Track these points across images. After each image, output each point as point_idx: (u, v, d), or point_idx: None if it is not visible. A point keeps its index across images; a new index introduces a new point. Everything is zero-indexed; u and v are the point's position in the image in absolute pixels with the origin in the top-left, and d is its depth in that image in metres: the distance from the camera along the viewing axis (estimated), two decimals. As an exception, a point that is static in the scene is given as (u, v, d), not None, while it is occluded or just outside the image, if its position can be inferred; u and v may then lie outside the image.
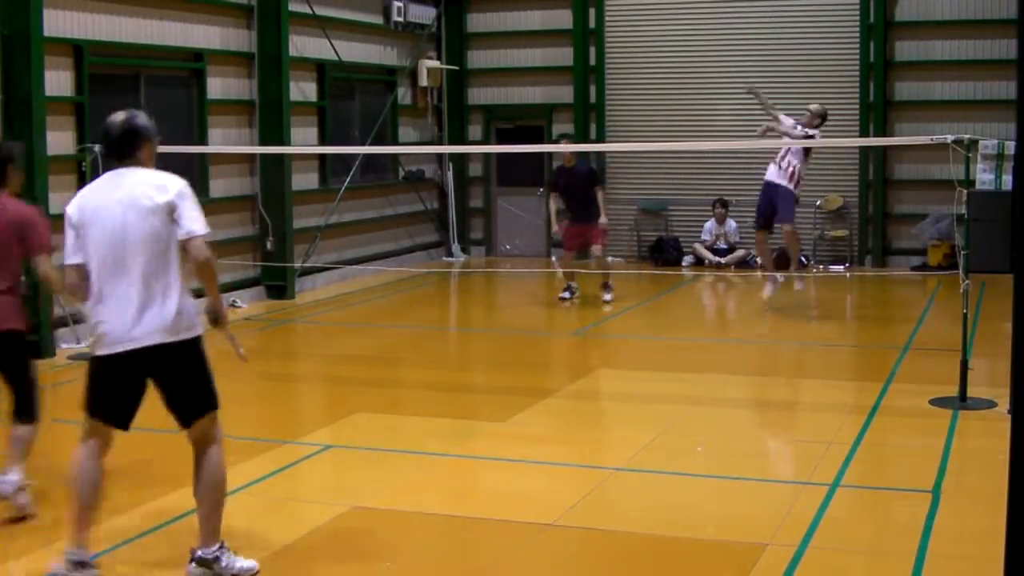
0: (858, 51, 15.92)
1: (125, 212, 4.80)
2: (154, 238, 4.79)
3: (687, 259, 16.40)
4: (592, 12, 17.02)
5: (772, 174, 11.99)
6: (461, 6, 17.70)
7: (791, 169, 11.84)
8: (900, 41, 15.93)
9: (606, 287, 12.90)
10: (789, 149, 11.83)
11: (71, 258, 4.93)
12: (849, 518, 5.95)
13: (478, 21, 17.81)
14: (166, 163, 13.61)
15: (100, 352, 4.89)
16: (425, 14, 17.01)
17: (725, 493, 6.44)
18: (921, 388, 8.46)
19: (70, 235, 4.93)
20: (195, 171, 12.71)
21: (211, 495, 4.98)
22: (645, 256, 16.79)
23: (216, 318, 5.02)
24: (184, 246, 4.82)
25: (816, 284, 12.73)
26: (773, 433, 8.20)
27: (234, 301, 12.62)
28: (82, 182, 10.64)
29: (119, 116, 5.07)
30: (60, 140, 10.78)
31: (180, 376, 4.92)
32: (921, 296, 14.10)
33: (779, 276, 12.38)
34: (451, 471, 6.98)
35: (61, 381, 9.64)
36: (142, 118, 5.09)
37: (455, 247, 17.82)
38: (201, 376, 4.95)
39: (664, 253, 16.46)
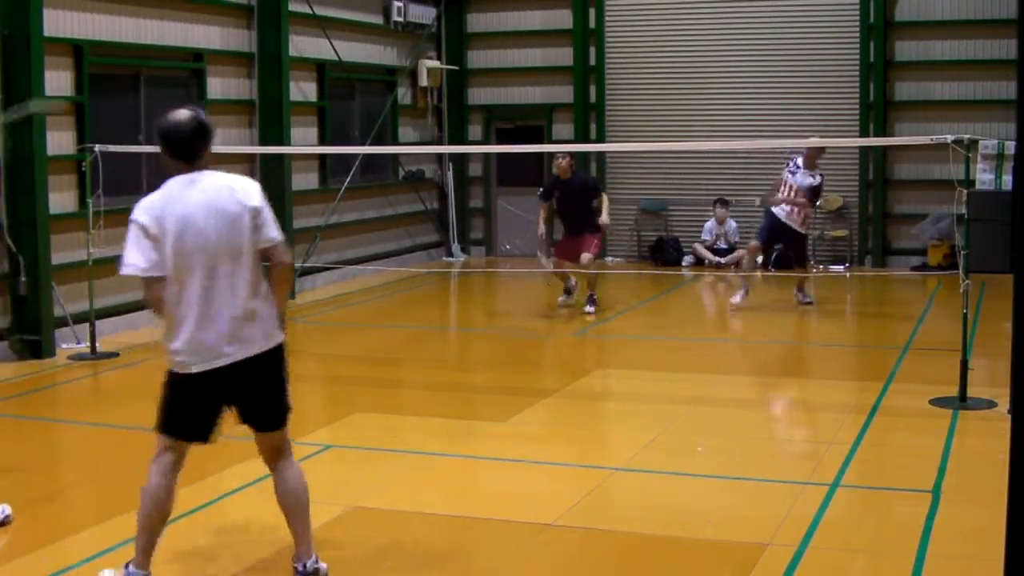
0: (858, 51, 15.91)
1: (214, 219, 4.55)
2: (245, 246, 4.60)
3: (687, 259, 16.40)
4: (592, 12, 17.02)
5: (781, 213, 12.21)
6: (461, 6, 17.70)
7: (800, 213, 12.17)
8: (900, 41, 15.93)
9: (591, 300, 12.24)
10: (798, 190, 12.08)
11: (153, 271, 4.58)
12: (849, 518, 5.95)
13: (478, 21, 17.82)
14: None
15: (191, 370, 4.61)
16: (425, 14, 17.02)
17: (725, 493, 6.44)
18: (921, 388, 8.46)
19: (146, 246, 4.56)
20: (195, 171, 12.72)
21: (301, 506, 4.85)
22: (645, 256, 16.80)
23: (281, 324, 4.84)
24: (268, 252, 4.68)
25: (816, 284, 12.73)
26: (773, 433, 8.21)
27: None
28: (82, 182, 10.65)
29: (183, 114, 4.66)
30: (60, 140, 10.77)
31: (266, 385, 4.75)
32: (921, 296, 14.10)
33: (746, 292, 12.48)
34: (451, 471, 6.98)
35: (61, 381, 9.65)
36: (204, 114, 4.74)
37: (455, 247, 17.82)
38: (283, 384, 4.80)
39: (664, 253, 16.46)
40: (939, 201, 14.41)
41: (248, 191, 4.66)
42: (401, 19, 16.40)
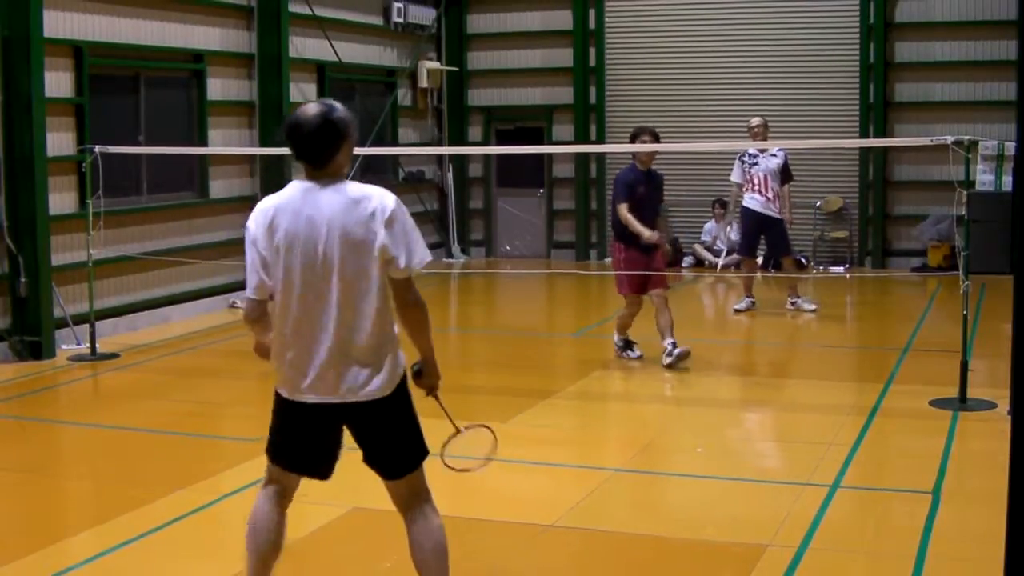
0: (858, 52, 15.92)
1: (331, 240, 3.94)
2: (363, 277, 3.96)
3: (687, 260, 16.40)
4: (592, 12, 17.03)
5: (757, 204, 11.97)
6: (461, 7, 17.71)
7: (777, 199, 11.92)
8: (900, 42, 15.93)
9: (675, 349, 9.50)
10: (767, 176, 11.88)
11: (254, 293, 4.08)
12: (849, 519, 5.95)
13: (478, 22, 17.82)
14: (167, 163, 13.47)
15: (286, 396, 4.13)
16: (425, 15, 17.02)
17: (725, 494, 6.44)
18: (921, 389, 8.45)
19: (254, 262, 4.04)
20: (195, 172, 12.72)
21: (429, 570, 4.25)
22: (645, 257, 16.78)
23: (419, 376, 4.48)
24: (392, 285, 4.03)
25: (816, 285, 12.72)
26: (773, 434, 8.20)
27: (234, 302, 12.62)
28: (82, 183, 10.65)
29: (311, 108, 4.00)
30: (60, 141, 10.77)
31: (375, 434, 4.27)
32: (921, 297, 14.10)
33: (752, 302, 12.35)
34: (450, 471, 6.97)
35: (61, 382, 9.65)
36: (340, 110, 4.05)
37: (455, 248, 17.83)
38: (400, 433, 4.35)
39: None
40: (939, 202, 14.40)
41: (380, 213, 3.99)
42: (401, 20, 16.40)
